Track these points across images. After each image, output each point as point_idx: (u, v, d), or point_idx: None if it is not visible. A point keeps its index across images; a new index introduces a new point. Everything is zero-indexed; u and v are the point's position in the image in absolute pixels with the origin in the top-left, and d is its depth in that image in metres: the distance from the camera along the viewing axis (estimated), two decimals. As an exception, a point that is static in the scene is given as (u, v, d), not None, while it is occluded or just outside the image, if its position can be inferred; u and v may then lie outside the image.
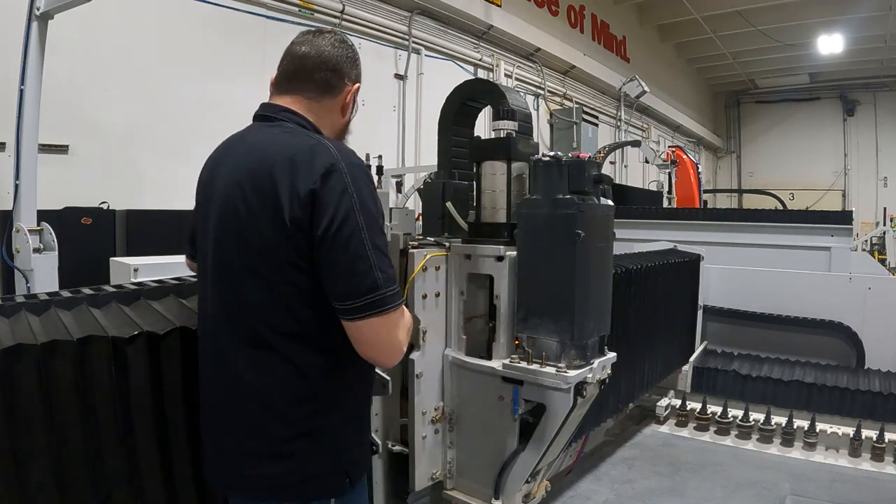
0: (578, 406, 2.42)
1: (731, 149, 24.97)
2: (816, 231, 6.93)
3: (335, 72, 1.85)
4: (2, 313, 1.96)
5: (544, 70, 12.26)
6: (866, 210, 19.43)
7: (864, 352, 5.79)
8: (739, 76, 21.68)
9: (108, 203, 5.67)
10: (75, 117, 5.67)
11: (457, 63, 10.29)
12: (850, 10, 14.52)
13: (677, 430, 5.51)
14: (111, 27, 5.83)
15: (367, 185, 1.66)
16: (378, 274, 1.61)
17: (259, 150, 1.71)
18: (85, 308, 2.13)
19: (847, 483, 4.51)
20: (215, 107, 6.64)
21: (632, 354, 4.41)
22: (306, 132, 1.75)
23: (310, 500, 1.72)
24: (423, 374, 2.56)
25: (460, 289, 2.66)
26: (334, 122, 1.89)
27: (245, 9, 7.05)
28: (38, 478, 1.65)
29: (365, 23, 8.47)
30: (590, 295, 2.37)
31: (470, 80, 3.40)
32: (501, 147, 2.53)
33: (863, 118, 21.97)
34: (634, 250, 5.50)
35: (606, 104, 15.04)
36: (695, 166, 11.43)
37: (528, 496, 2.74)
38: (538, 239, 2.38)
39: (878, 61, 18.58)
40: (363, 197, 1.63)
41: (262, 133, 1.78)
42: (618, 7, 15.51)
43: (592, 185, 2.37)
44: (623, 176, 15.47)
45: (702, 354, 6.09)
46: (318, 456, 1.71)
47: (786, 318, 6.10)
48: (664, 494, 4.32)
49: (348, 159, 1.66)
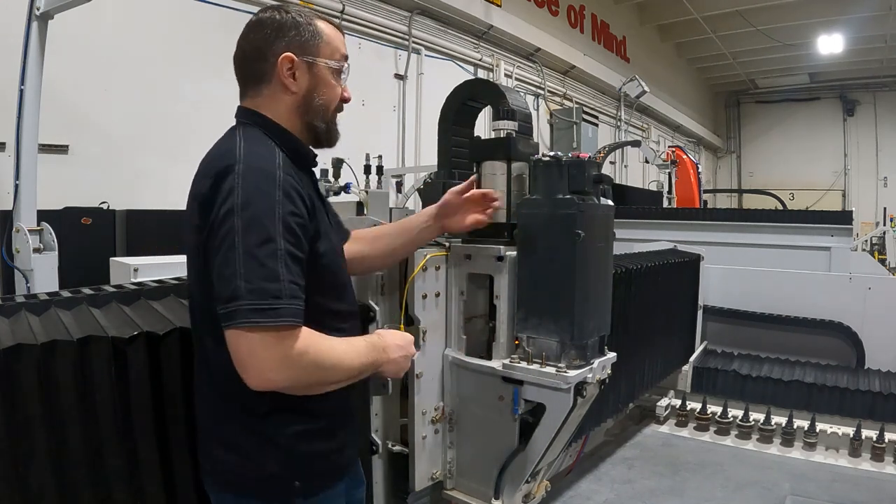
0: (578, 406, 2.41)
1: (731, 149, 25.04)
2: (816, 231, 6.97)
3: (257, 59, 1.72)
4: (2, 313, 1.96)
5: (544, 70, 12.29)
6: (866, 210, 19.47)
7: (864, 352, 5.81)
8: (739, 76, 21.73)
9: (108, 203, 5.69)
10: (75, 117, 5.69)
11: (457, 63, 10.32)
12: (849, 9, 14.57)
13: (677, 430, 5.53)
14: (111, 27, 5.86)
15: (260, 188, 1.52)
16: (240, 283, 1.44)
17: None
18: (85, 308, 2.14)
19: (847, 483, 4.52)
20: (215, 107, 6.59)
21: (632, 354, 4.42)
22: (242, 134, 1.66)
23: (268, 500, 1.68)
24: (423, 373, 2.56)
25: (460, 289, 2.66)
26: (286, 103, 1.75)
27: (245, 9, 7.03)
28: (38, 478, 1.66)
29: (365, 23, 8.50)
30: (590, 295, 2.37)
31: (470, 80, 3.41)
32: (501, 147, 2.53)
33: (863, 118, 22.03)
34: (634, 250, 5.52)
35: (606, 104, 15.08)
36: (695, 166, 11.47)
37: (529, 496, 2.73)
38: (538, 239, 2.38)
39: (878, 61, 18.62)
40: (249, 199, 1.49)
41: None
42: (618, 7, 15.57)
43: (592, 185, 2.36)
44: (623, 176, 15.52)
45: (702, 354, 6.11)
46: (259, 457, 1.65)
47: (786, 318, 6.11)
48: (664, 494, 4.34)
49: (248, 161, 1.55)
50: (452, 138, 3.23)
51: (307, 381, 1.58)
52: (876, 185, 21.72)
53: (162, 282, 2.47)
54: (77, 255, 4.90)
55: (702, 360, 5.95)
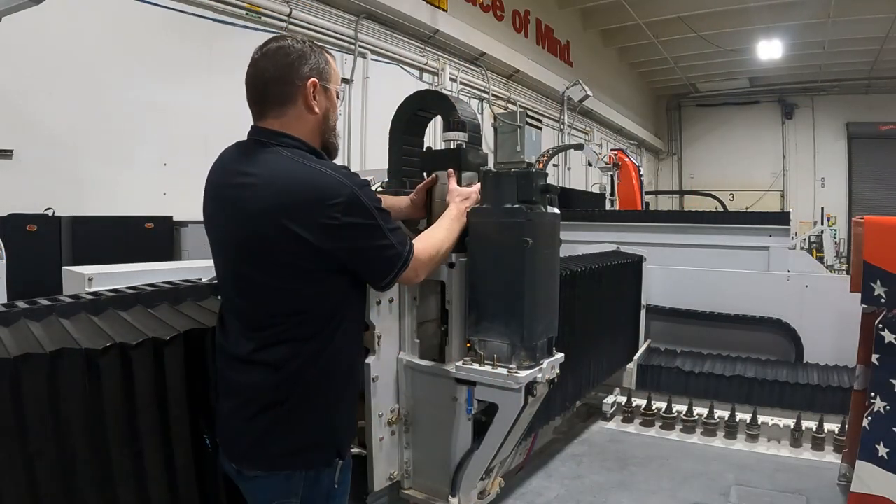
0: (529, 405, 2.50)
1: (672, 151, 25.43)
2: (755, 231, 7.09)
3: (282, 83, 1.92)
4: (3, 322, 2.00)
5: (489, 74, 12.40)
6: (805, 210, 20.08)
7: (803, 346, 5.95)
8: (681, 80, 22.10)
9: (54, 209, 5.59)
10: (19, 122, 5.59)
11: (402, 67, 10.36)
12: (788, 16, 14.90)
13: (624, 426, 5.63)
14: (55, 31, 5.75)
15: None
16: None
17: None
18: (85, 317, 2.18)
19: (789, 472, 4.66)
20: (161, 110, 6.59)
21: (578, 354, 4.47)
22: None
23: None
24: (379, 377, 2.62)
25: (413, 295, 2.73)
26: (311, 123, 1.98)
27: (191, 11, 7.00)
28: (44, 481, 1.71)
29: (311, 27, 8.48)
30: (538, 299, 2.45)
31: (420, 91, 3.43)
32: (452, 158, 2.60)
33: (801, 121, 22.63)
34: (578, 252, 5.57)
35: (550, 108, 15.24)
36: (637, 169, 11.57)
37: (483, 493, 2.81)
38: (488, 246, 2.46)
39: (817, 66, 19.16)
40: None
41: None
42: (562, 12, 15.70)
43: (540, 194, 2.46)
44: (566, 179, 15.69)
45: (646, 352, 6.21)
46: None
47: (727, 316, 6.23)
48: (613, 488, 4.42)
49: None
50: (403, 147, 3.27)
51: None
52: (814, 185, 22.32)
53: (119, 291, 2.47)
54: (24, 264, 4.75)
55: (646, 358, 6.05)
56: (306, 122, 1.96)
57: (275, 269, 1.82)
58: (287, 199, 1.77)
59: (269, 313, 1.87)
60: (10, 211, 5.21)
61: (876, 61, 18.19)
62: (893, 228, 3.31)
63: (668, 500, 4.27)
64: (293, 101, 1.93)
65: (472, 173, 2.63)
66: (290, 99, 1.93)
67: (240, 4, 7.48)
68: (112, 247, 5.57)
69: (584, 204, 10.32)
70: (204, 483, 2.14)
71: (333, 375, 1.93)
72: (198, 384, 2.11)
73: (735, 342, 6.29)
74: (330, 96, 2.02)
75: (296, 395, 1.88)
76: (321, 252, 1.80)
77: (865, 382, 3.43)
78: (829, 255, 12.82)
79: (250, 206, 1.81)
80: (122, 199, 6.25)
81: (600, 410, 5.75)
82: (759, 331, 6.19)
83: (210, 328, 2.14)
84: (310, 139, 1.97)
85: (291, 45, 1.95)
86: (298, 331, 1.86)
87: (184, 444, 2.07)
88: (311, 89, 1.94)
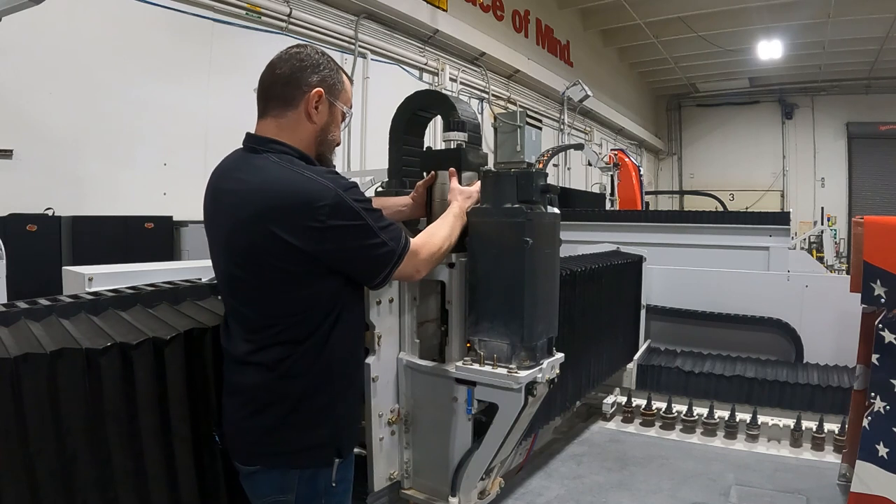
0: (529, 405, 2.50)
1: (672, 151, 25.46)
2: (755, 231, 7.13)
3: (290, 85, 1.95)
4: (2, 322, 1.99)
5: (489, 74, 12.41)
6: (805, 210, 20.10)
7: (803, 346, 5.95)
8: (681, 80, 22.12)
9: (54, 209, 5.59)
10: (19, 122, 5.59)
11: (402, 67, 10.37)
12: (788, 17, 14.92)
13: (624, 426, 5.65)
14: (56, 30, 5.76)
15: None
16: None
17: None
18: (85, 316, 2.18)
19: (789, 472, 4.68)
20: (161, 110, 6.59)
21: (578, 354, 4.49)
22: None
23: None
24: (379, 377, 2.62)
25: (413, 294, 2.73)
26: (307, 131, 1.99)
27: (192, 11, 7.00)
28: (44, 481, 1.70)
29: (311, 26, 8.49)
30: (538, 299, 2.45)
31: (420, 91, 3.43)
32: (452, 158, 2.60)
33: (801, 121, 22.67)
34: (579, 252, 5.55)
35: (550, 108, 15.25)
36: (637, 169, 11.60)
37: (483, 493, 2.81)
38: (488, 246, 2.46)
39: (817, 66, 19.16)
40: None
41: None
42: (562, 12, 15.72)
43: (540, 194, 2.46)
44: (566, 178, 15.70)
45: (646, 352, 6.22)
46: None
47: (726, 316, 6.22)
48: (613, 488, 4.43)
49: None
50: (403, 147, 3.27)
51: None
52: (814, 185, 22.35)
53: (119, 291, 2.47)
54: (24, 264, 4.77)
55: (646, 358, 6.06)
56: (303, 130, 1.99)
57: (266, 274, 1.84)
58: (273, 206, 1.79)
59: (263, 316, 1.89)
60: (10, 211, 5.22)
61: (876, 61, 18.21)
62: (893, 228, 3.31)
63: (668, 500, 4.28)
64: (295, 105, 1.96)
65: (472, 173, 2.63)
66: (292, 102, 1.96)
67: (240, 4, 7.48)
68: (112, 247, 5.58)
69: (584, 204, 10.35)
70: (205, 483, 2.14)
71: (331, 376, 1.94)
72: (198, 384, 2.11)
73: (735, 342, 6.30)
74: (334, 112, 2.05)
75: (292, 395, 1.89)
76: (310, 256, 1.81)
77: (865, 382, 3.42)
78: (829, 255, 12.79)
79: (240, 212, 1.84)
80: (122, 199, 6.26)
81: (600, 410, 5.77)
82: (758, 331, 6.19)
83: (210, 328, 2.14)
84: (303, 147, 1.98)
85: (309, 54, 1.99)
86: (293, 332, 1.88)
87: (184, 444, 2.07)
88: (315, 98, 1.96)
